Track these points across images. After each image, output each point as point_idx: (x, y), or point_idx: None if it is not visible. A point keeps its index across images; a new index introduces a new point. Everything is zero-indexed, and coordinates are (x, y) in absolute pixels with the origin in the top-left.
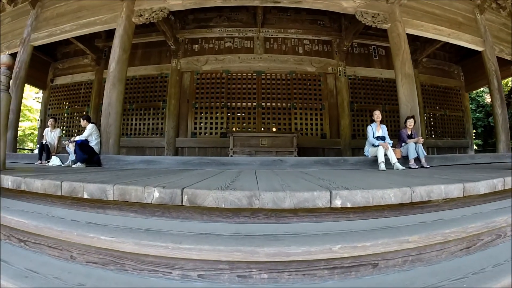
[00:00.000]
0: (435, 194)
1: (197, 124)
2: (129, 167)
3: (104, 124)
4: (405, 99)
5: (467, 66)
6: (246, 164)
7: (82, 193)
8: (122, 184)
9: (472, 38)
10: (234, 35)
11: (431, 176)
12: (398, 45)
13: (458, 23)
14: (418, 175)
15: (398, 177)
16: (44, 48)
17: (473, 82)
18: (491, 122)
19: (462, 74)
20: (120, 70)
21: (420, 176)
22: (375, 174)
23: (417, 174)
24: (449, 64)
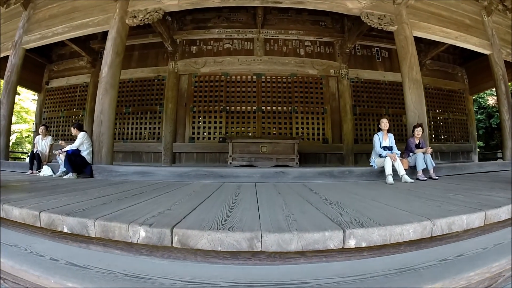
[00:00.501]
0: (456, 225)
1: (195, 128)
2: (122, 178)
3: (96, 132)
4: (413, 106)
5: (471, 68)
6: (246, 177)
7: (61, 226)
8: (104, 220)
9: (479, 41)
10: (233, 36)
11: (445, 194)
12: (405, 49)
13: (466, 25)
14: (431, 193)
15: (411, 196)
16: (39, 50)
17: (477, 85)
18: (492, 123)
19: (466, 76)
20: (113, 75)
21: (435, 195)
22: (384, 189)
23: (430, 191)
24: (453, 66)
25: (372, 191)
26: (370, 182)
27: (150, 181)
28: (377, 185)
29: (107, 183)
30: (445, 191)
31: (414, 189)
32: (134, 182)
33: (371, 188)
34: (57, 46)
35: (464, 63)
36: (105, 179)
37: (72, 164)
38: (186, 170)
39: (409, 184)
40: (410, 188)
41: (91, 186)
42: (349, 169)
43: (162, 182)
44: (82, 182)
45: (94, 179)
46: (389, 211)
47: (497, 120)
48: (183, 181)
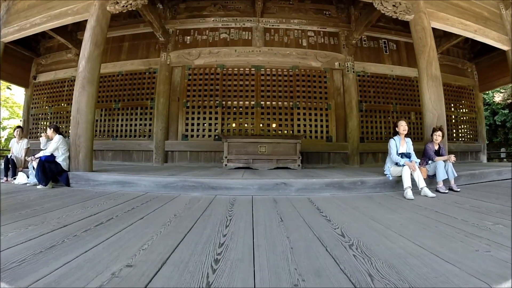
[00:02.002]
0: None
1: (189, 125)
2: (100, 189)
3: (72, 135)
4: (431, 105)
5: (481, 64)
6: (241, 189)
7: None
8: None
9: (498, 35)
10: (230, 25)
11: (481, 221)
12: (423, 41)
13: (484, 18)
14: (464, 218)
15: (442, 225)
16: (26, 43)
17: (488, 82)
18: (497, 120)
19: (476, 72)
20: (91, 69)
21: (470, 223)
22: (405, 209)
23: (459, 213)
24: (463, 61)
25: (393, 215)
26: (385, 195)
27: (130, 194)
28: (394, 201)
29: (79, 198)
30: (477, 213)
31: (441, 210)
32: (111, 196)
33: (389, 206)
34: (44, 38)
35: (474, 58)
36: (82, 189)
37: (45, 173)
38: (172, 180)
39: (432, 200)
40: (435, 208)
41: (58, 205)
42: (360, 179)
43: (143, 195)
44: (53, 195)
45: (68, 190)
46: (431, 263)
47: (502, 117)
48: (169, 193)
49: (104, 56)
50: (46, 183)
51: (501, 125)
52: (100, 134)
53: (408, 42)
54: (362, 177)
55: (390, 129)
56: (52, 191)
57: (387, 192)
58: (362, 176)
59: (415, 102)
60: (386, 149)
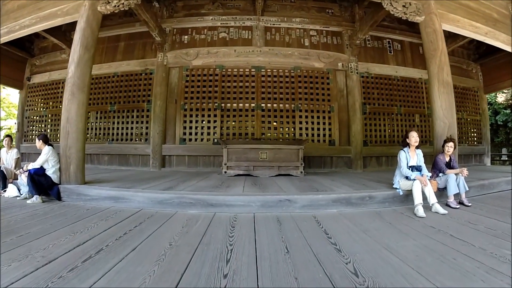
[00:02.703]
0: None
1: (187, 128)
2: (93, 204)
3: (62, 146)
4: (442, 113)
5: (486, 65)
6: (242, 206)
7: None
8: None
9: (507, 38)
10: (230, 24)
11: (500, 249)
12: (434, 44)
13: (493, 20)
14: (482, 244)
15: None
16: (19, 44)
17: (493, 83)
18: (498, 120)
19: (480, 73)
20: (81, 75)
21: (489, 252)
22: (419, 232)
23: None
24: (468, 62)
25: (407, 241)
26: (395, 211)
27: (124, 211)
28: (405, 220)
29: (69, 218)
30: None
31: (456, 233)
32: (103, 214)
33: (401, 228)
34: (38, 38)
35: (479, 59)
36: (74, 203)
37: (36, 185)
38: (168, 196)
39: (444, 218)
40: (450, 231)
41: (46, 229)
42: (369, 194)
43: (137, 213)
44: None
45: (59, 206)
46: None
47: (504, 117)
48: (165, 210)
49: (99, 56)
50: (38, 193)
51: (503, 125)
52: (95, 138)
53: (413, 42)
54: (370, 192)
55: (394, 132)
56: (42, 207)
57: (396, 206)
58: (370, 190)
59: (419, 104)
60: (390, 153)
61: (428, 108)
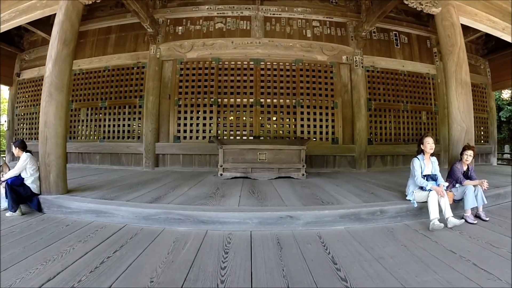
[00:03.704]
0: None
1: (181, 126)
2: (74, 217)
3: (41, 153)
4: (460, 117)
5: (495, 61)
6: (237, 223)
7: None
8: None
9: None
10: (227, 14)
11: None
12: (452, 39)
13: (508, 13)
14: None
15: None
16: (8, 38)
17: (502, 80)
18: (502, 116)
19: (488, 70)
20: (59, 73)
21: None
22: (438, 258)
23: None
24: (476, 57)
25: (428, 275)
26: (408, 228)
27: (107, 227)
28: (421, 242)
29: (45, 238)
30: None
31: (479, 262)
32: (83, 232)
33: (419, 254)
34: (28, 33)
35: (488, 54)
36: (54, 216)
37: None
38: (154, 212)
39: (463, 239)
40: (472, 257)
41: (18, 254)
42: (380, 208)
43: (120, 231)
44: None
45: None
46: None
47: (507, 113)
48: (151, 227)
49: (89, 50)
50: (15, 209)
51: (506, 121)
52: (86, 136)
53: (420, 36)
54: (381, 205)
55: (400, 130)
56: (20, 222)
57: (409, 221)
58: (380, 201)
59: (426, 101)
60: (395, 152)
61: (435, 105)
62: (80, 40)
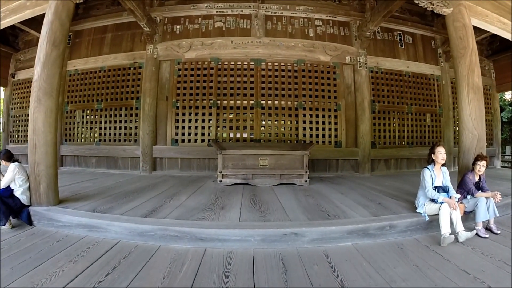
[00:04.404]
0: None
1: (179, 128)
2: (65, 231)
3: (30, 162)
4: (472, 123)
5: (500, 62)
6: (238, 241)
7: None
8: None
9: None
10: (226, 12)
11: None
12: (463, 42)
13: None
14: None
15: None
16: (3, 37)
17: (506, 82)
18: (503, 117)
19: (493, 71)
20: (48, 77)
21: None
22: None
23: None
24: (480, 58)
25: None
26: (419, 243)
27: (99, 244)
28: (433, 260)
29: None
30: None
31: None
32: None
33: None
34: (23, 32)
35: (492, 55)
36: (45, 230)
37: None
38: (149, 228)
39: (476, 256)
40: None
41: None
42: (390, 223)
43: (113, 248)
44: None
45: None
46: None
47: (508, 114)
48: (146, 243)
49: (85, 49)
50: (5, 222)
51: (508, 122)
52: (82, 138)
53: (425, 35)
54: (391, 220)
55: (404, 133)
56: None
57: (418, 235)
58: (389, 214)
59: (431, 103)
60: (399, 155)
61: (440, 107)
62: (76, 39)
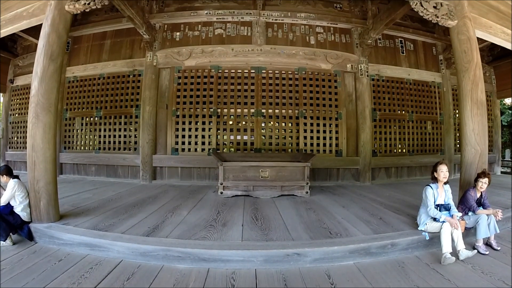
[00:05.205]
0: None
1: (179, 137)
2: (67, 250)
3: (30, 179)
4: (474, 139)
5: (500, 68)
6: (240, 261)
7: None
8: None
9: None
10: (227, 19)
11: None
12: (468, 56)
13: None
14: None
15: None
16: (1, 43)
17: (507, 88)
18: (503, 121)
19: (494, 77)
20: (46, 92)
21: None
22: None
23: None
24: (482, 65)
25: None
26: (420, 261)
27: (102, 263)
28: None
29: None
30: None
31: None
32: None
33: None
34: (21, 37)
35: (493, 61)
36: (46, 247)
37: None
38: (152, 248)
39: (476, 276)
40: None
41: None
42: (391, 241)
43: (116, 269)
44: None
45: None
46: None
47: (508, 118)
48: (149, 263)
49: (84, 56)
50: (5, 238)
51: (507, 125)
52: (81, 146)
53: (426, 42)
54: (392, 238)
55: (404, 141)
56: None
57: (419, 252)
58: (390, 231)
59: (432, 110)
60: (399, 163)
61: (441, 114)
62: (74, 45)
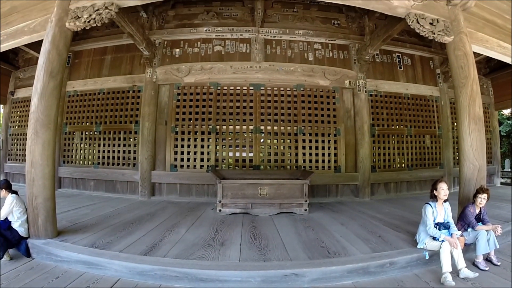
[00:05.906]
0: None
1: (178, 154)
2: (64, 267)
3: (28, 195)
4: (473, 155)
5: (498, 79)
6: (239, 282)
7: None
8: None
9: None
10: (226, 36)
11: None
12: (465, 71)
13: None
14: None
15: None
16: (3, 55)
17: (505, 100)
18: (502, 131)
19: (491, 89)
20: (45, 108)
21: None
22: None
23: None
24: (479, 77)
25: None
26: (419, 279)
27: (99, 282)
28: None
29: None
30: None
31: None
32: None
33: None
34: (23, 50)
35: (490, 73)
36: (44, 264)
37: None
38: (149, 268)
39: None
40: None
41: None
42: (390, 260)
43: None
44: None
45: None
46: None
47: (507, 128)
48: (146, 283)
49: (84, 71)
50: (2, 254)
51: (506, 135)
52: (80, 161)
53: (423, 56)
54: (391, 257)
55: (403, 156)
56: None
57: (418, 270)
58: (389, 249)
59: (430, 124)
60: (398, 178)
61: (439, 128)
62: (75, 60)
